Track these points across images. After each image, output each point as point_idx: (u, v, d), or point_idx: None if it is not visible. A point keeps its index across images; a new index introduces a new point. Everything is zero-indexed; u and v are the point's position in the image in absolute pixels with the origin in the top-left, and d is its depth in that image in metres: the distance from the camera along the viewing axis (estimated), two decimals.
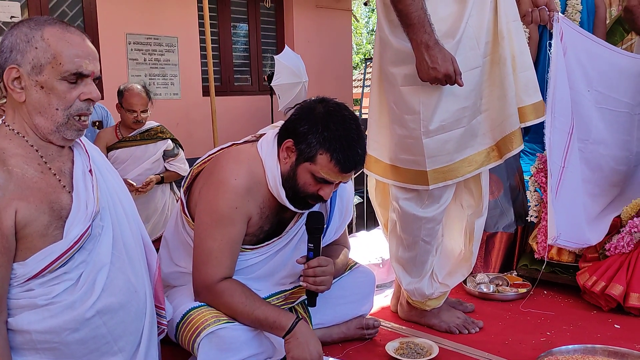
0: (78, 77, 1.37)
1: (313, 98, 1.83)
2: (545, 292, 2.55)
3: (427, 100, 1.92)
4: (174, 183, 3.74)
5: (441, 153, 1.97)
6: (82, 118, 1.41)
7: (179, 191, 3.77)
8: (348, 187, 2.06)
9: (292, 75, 6.09)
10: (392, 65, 1.98)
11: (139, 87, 3.47)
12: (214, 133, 4.96)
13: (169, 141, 3.60)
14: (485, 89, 1.99)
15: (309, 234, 1.81)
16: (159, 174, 3.55)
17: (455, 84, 1.83)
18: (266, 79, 6.58)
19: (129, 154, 3.51)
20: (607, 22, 3.18)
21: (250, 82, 7.18)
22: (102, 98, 1.38)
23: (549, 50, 2.09)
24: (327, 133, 1.70)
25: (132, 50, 6.01)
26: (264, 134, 1.94)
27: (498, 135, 2.01)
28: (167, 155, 3.59)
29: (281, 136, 1.81)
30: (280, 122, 1.97)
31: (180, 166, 3.64)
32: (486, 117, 2.01)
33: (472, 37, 1.92)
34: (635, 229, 2.25)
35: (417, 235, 2.10)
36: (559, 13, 2.10)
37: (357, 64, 15.45)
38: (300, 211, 1.87)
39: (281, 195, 1.79)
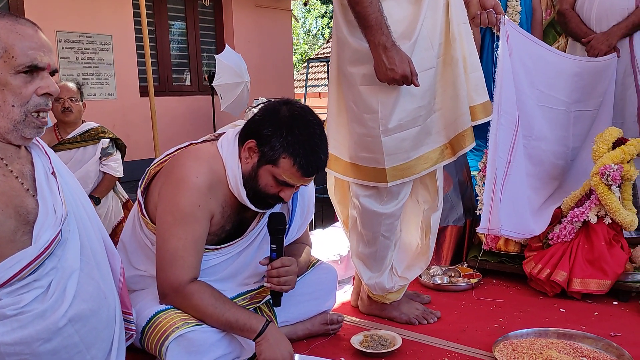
0: (33, 70, 1.32)
1: (278, 99, 1.84)
2: (494, 281, 2.68)
3: (385, 100, 1.97)
4: (118, 183, 3.63)
5: (399, 151, 2.03)
6: (41, 114, 1.37)
7: (124, 191, 3.71)
8: (309, 185, 2.08)
9: (234, 75, 6.06)
10: (350, 65, 2.03)
11: (67, 81, 3.45)
12: (154, 134, 4.84)
13: (106, 139, 3.50)
14: (438, 88, 2.07)
15: (271, 235, 1.82)
16: (92, 195, 3.42)
17: (412, 84, 1.90)
18: (207, 78, 6.52)
19: (70, 156, 3.40)
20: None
21: (189, 82, 7.07)
22: None
23: (496, 52, 2.20)
24: (290, 137, 1.71)
25: (63, 48, 5.79)
26: (223, 133, 1.94)
27: (451, 134, 2.10)
28: (102, 154, 3.49)
29: (243, 136, 1.81)
30: (240, 121, 1.98)
31: (112, 165, 3.52)
32: (440, 115, 2.09)
33: (426, 38, 1.99)
34: (576, 219, 2.42)
35: (377, 231, 2.16)
36: (505, 16, 2.21)
37: (295, 64, 15.51)
38: (261, 211, 1.88)
39: (242, 194, 1.80)
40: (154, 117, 4.75)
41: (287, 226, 1.88)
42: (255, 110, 1.96)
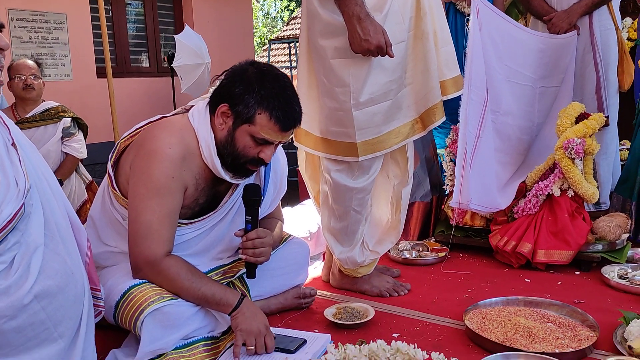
0: None
1: (242, 62, 1.81)
2: (461, 254, 2.74)
3: (357, 73, 1.97)
4: (81, 164, 3.54)
5: (370, 125, 2.04)
6: None
7: (87, 173, 3.61)
8: (282, 160, 2.07)
9: (194, 55, 5.94)
10: (321, 38, 2.01)
11: (26, 59, 3.42)
12: (113, 117, 4.71)
13: (68, 119, 3.41)
14: (409, 62, 2.08)
15: (247, 206, 1.81)
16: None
17: (386, 56, 1.90)
18: (166, 59, 6.36)
19: (29, 136, 3.25)
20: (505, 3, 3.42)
21: (148, 63, 6.90)
22: None
23: (467, 26, 2.23)
24: (263, 92, 1.69)
25: (15, 27, 5.56)
26: (194, 105, 1.90)
27: (422, 108, 2.12)
28: (63, 134, 3.40)
29: (213, 102, 1.78)
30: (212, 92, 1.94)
31: (75, 146, 3.44)
32: (410, 90, 2.11)
33: (397, 12, 2.00)
34: (540, 192, 2.48)
35: (348, 206, 2.16)
36: None
37: (254, 47, 15.32)
38: (237, 181, 1.86)
39: (216, 164, 1.76)
40: (112, 99, 4.61)
41: (262, 197, 1.86)
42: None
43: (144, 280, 1.72)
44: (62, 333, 1.35)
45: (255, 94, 1.69)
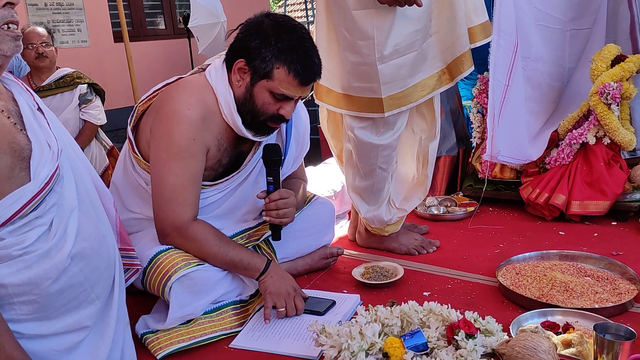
0: None
1: (257, 14, 1.73)
2: (490, 209, 2.66)
3: (381, 24, 1.88)
4: (100, 130, 3.53)
5: (396, 79, 1.96)
6: (11, 26, 1.29)
7: (107, 138, 3.60)
8: (303, 116, 2.01)
9: (209, 15, 5.83)
10: None
11: (37, 26, 3.35)
12: (132, 81, 4.68)
13: (84, 85, 3.38)
14: (434, 10, 1.97)
15: (267, 167, 1.77)
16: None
17: (414, 4, 1.79)
18: (181, 20, 6.27)
19: (46, 104, 3.26)
20: None
21: (164, 26, 6.80)
22: None
23: None
24: (280, 44, 1.62)
25: None
26: (210, 64, 1.84)
27: (449, 58, 2.02)
28: (80, 100, 3.37)
29: (230, 58, 1.71)
30: None
31: (93, 113, 3.42)
32: (436, 39, 2.01)
33: None
34: (574, 141, 2.38)
35: (373, 163, 2.10)
36: None
37: (270, 3, 14.99)
38: (259, 139, 1.81)
39: (237, 122, 1.71)
40: (130, 63, 4.57)
41: (282, 157, 1.81)
42: None
43: (170, 246, 1.71)
44: (98, 294, 1.39)
45: (272, 48, 1.62)
